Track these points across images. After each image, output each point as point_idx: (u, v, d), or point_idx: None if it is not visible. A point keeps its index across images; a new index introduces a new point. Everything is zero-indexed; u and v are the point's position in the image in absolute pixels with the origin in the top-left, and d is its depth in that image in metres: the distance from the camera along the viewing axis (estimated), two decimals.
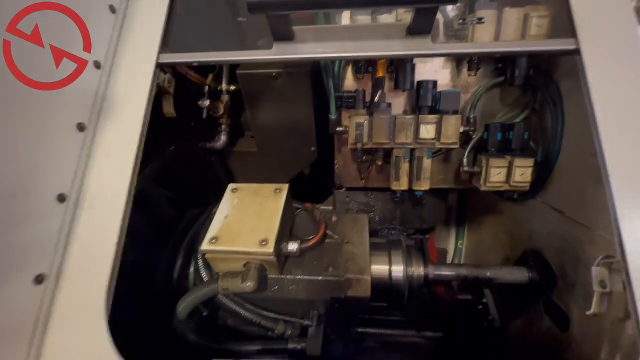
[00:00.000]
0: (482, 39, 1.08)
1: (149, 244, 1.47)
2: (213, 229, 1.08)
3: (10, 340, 0.76)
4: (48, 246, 0.85)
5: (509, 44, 0.96)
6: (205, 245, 1.03)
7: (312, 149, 1.53)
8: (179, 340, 1.16)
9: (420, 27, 0.94)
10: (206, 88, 1.38)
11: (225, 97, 1.50)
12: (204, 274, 1.18)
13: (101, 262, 0.86)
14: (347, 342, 1.36)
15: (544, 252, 1.31)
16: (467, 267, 1.33)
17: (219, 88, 1.50)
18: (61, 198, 0.89)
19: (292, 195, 1.44)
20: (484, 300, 1.62)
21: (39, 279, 0.82)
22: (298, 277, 1.12)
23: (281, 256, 1.12)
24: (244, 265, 1.07)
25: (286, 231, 1.20)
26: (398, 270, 1.22)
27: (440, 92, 1.20)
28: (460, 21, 0.99)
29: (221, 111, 1.48)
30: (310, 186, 1.72)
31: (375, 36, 1.00)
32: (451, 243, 2.22)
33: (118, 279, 0.88)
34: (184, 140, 1.58)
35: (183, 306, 1.11)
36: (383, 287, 1.22)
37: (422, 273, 1.26)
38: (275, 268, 1.09)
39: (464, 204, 2.11)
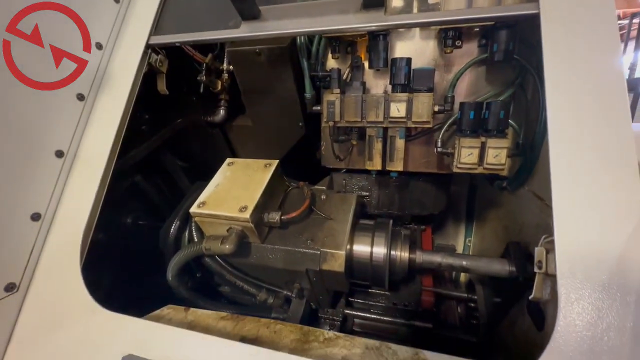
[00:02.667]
0: None
1: (156, 204, 1.66)
2: (203, 195, 1.19)
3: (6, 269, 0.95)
4: (45, 192, 1.04)
5: (466, 12, 0.91)
6: (193, 208, 1.15)
7: (300, 124, 1.59)
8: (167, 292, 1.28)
9: (373, 0, 0.94)
10: (204, 66, 1.51)
11: (225, 76, 1.63)
12: (195, 236, 1.29)
13: (81, 213, 1.03)
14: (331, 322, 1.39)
15: (531, 246, 1.20)
16: (443, 254, 1.27)
17: (220, 68, 1.63)
18: (59, 154, 1.08)
19: (296, 176, 1.48)
20: (475, 297, 1.53)
21: (35, 218, 1.01)
22: (276, 246, 1.16)
23: (262, 225, 1.17)
24: (227, 230, 1.15)
25: (273, 203, 1.25)
26: (379, 252, 1.19)
27: (414, 70, 1.17)
28: None
29: (219, 87, 1.61)
30: (314, 167, 1.74)
31: (334, 12, 1.03)
32: (460, 240, 2.10)
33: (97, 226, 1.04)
34: (190, 113, 1.74)
35: (175, 262, 1.22)
36: (363, 268, 1.21)
37: (407, 257, 1.22)
38: (256, 236, 1.15)
39: (473, 198, 1.98)
